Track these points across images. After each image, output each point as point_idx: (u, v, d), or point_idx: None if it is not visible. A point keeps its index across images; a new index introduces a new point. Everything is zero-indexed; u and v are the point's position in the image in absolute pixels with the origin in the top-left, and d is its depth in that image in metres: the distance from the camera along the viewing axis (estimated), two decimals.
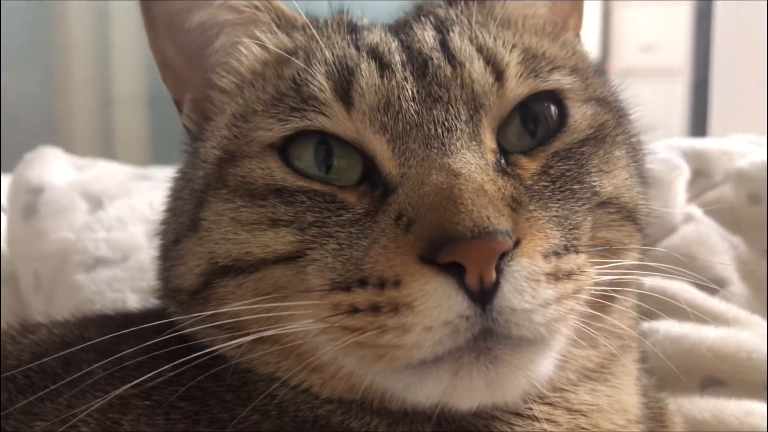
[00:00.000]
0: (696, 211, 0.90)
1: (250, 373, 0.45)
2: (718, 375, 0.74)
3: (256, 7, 0.52)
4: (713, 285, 0.83)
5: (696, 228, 0.87)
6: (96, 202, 0.92)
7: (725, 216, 0.89)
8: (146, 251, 0.87)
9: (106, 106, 2.26)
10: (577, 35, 0.59)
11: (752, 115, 4.34)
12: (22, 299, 0.91)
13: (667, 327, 0.77)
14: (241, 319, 0.44)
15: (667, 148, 0.95)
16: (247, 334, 0.43)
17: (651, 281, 0.83)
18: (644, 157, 0.54)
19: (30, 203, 0.93)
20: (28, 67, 2.08)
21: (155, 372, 0.42)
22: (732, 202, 0.90)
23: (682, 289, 0.82)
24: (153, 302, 0.80)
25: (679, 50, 5.57)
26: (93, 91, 2.23)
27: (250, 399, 0.44)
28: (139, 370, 0.44)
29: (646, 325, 0.79)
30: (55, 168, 0.98)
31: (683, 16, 5.40)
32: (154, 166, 1.08)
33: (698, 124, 5.43)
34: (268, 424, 0.43)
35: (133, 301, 0.82)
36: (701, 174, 0.93)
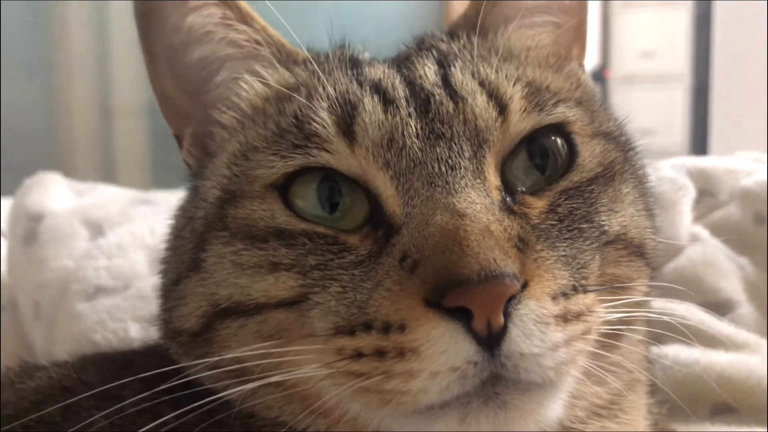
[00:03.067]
0: (702, 231, 0.89)
1: (253, 418, 0.44)
2: (729, 401, 0.73)
3: (257, 42, 0.51)
4: (721, 307, 0.82)
5: (702, 249, 0.87)
6: (96, 229, 0.91)
7: (732, 235, 0.88)
8: (147, 279, 0.86)
9: (106, 117, 2.26)
10: (581, 65, 0.58)
11: (752, 120, 4.34)
12: (23, 327, 0.90)
13: (676, 352, 0.76)
14: (244, 364, 0.43)
15: (671, 167, 0.94)
16: (250, 380, 0.42)
17: (658, 304, 0.82)
18: (650, 190, 0.54)
19: (30, 230, 0.92)
20: (27, 80, 2.08)
21: (159, 422, 0.41)
22: (738, 222, 0.89)
23: (689, 312, 0.81)
24: (154, 333, 0.79)
25: (679, 56, 5.57)
26: (93, 103, 2.23)
27: None
28: (141, 417, 0.43)
29: (655, 350, 0.78)
30: (54, 194, 0.97)
31: (682, 22, 5.41)
32: (155, 190, 1.07)
33: (698, 130, 5.42)
34: None
35: (135, 331, 0.81)
36: (706, 193, 0.93)
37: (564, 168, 0.46)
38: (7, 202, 1.19)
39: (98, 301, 0.85)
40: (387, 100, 0.45)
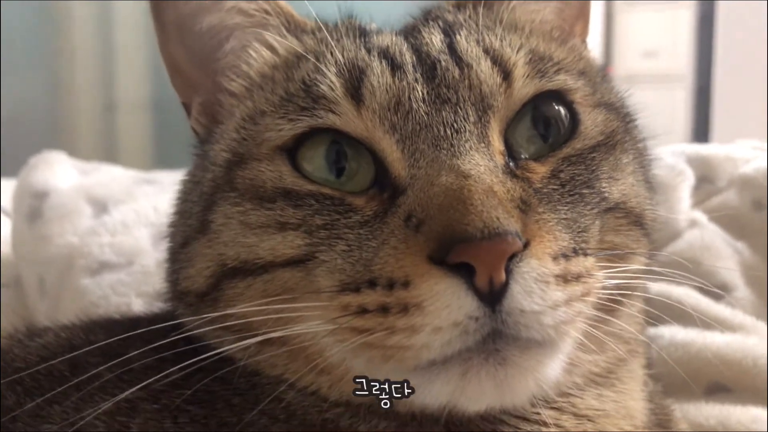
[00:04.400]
0: (701, 216, 0.90)
1: (257, 375, 0.45)
2: (724, 381, 0.74)
3: (266, 11, 0.52)
4: (718, 290, 0.83)
5: (701, 233, 0.88)
6: (101, 207, 0.92)
7: (729, 221, 0.89)
8: (151, 255, 0.87)
9: (108, 110, 2.27)
10: (584, 41, 0.59)
11: (754, 121, 4.34)
12: (27, 303, 0.91)
13: (673, 332, 0.77)
14: (249, 320, 0.43)
15: (671, 153, 0.95)
16: (256, 335, 0.43)
17: (656, 286, 0.83)
18: (651, 162, 0.54)
19: (35, 208, 0.93)
20: (31, 71, 2.09)
21: (163, 374, 0.42)
22: (736, 208, 0.90)
23: (687, 294, 0.82)
24: (158, 306, 0.80)
25: (681, 56, 5.58)
26: (96, 96, 2.24)
27: (257, 402, 0.44)
28: (146, 373, 0.44)
29: (652, 330, 0.79)
30: (59, 172, 0.98)
31: (685, 22, 5.41)
32: (158, 170, 1.08)
33: (700, 130, 5.43)
34: (276, 427, 0.43)
35: (138, 306, 0.82)
36: (706, 180, 0.94)
37: (567, 135, 0.47)
38: (8, 183, 1.20)
39: (102, 277, 0.86)
40: (395, 66, 0.46)
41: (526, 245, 0.39)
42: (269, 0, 0.53)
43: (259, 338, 0.43)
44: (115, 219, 0.90)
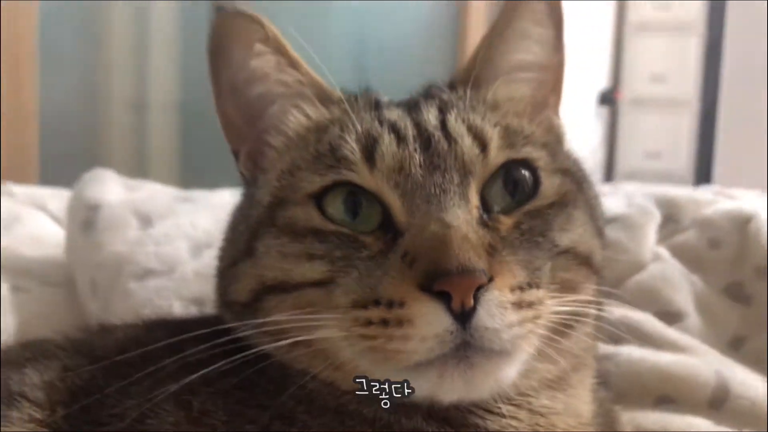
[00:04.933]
0: (664, 251, 1.03)
1: (287, 368, 0.58)
2: (669, 393, 0.86)
3: (302, 83, 0.66)
4: (672, 317, 0.97)
5: (662, 267, 1.01)
6: (146, 220, 1.06)
7: (688, 257, 1.02)
8: (189, 264, 1.01)
9: (139, 111, 2.39)
10: (555, 112, 0.72)
11: (757, 146, 4.45)
12: (80, 302, 1.05)
13: (629, 351, 0.90)
14: (282, 326, 0.57)
15: (642, 195, 1.08)
16: (287, 339, 0.56)
17: (620, 311, 0.96)
18: (602, 214, 0.68)
19: (88, 218, 1.08)
20: (69, 76, 2.20)
21: (217, 366, 0.55)
22: (695, 246, 1.02)
23: (646, 318, 0.96)
24: (194, 309, 0.94)
25: (688, 82, 5.67)
26: (129, 99, 2.36)
27: (286, 389, 0.57)
28: (201, 365, 0.57)
29: (613, 348, 0.93)
30: (109, 188, 1.12)
31: (693, 49, 5.50)
32: (195, 189, 1.22)
33: (704, 153, 5.51)
34: (301, 408, 0.56)
35: (178, 307, 0.95)
36: (671, 219, 1.06)
37: (529, 194, 0.59)
38: (48, 191, 1.35)
39: (147, 282, 0.99)
40: (400, 137, 0.59)
41: (490, 279, 0.52)
42: (303, 73, 0.67)
43: (290, 341, 0.56)
44: (158, 231, 1.04)
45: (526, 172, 0.60)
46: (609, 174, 6.04)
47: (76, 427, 0.56)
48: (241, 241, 0.62)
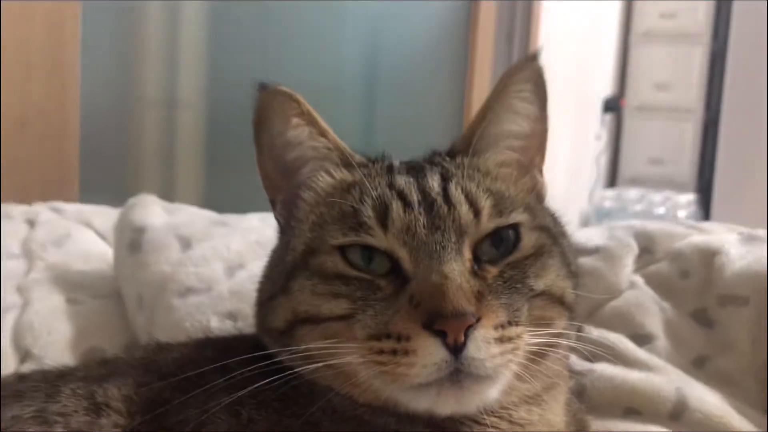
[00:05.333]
0: (639, 280, 1.15)
1: (315, 385, 0.72)
2: (636, 406, 0.98)
3: (329, 149, 0.79)
4: (643, 339, 1.10)
5: (636, 293, 1.13)
6: (186, 243, 1.18)
7: (660, 285, 1.14)
8: (224, 284, 1.13)
9: (169, 108, 2.51)
10: (540, 170, 0.86)
11: (757, 156, 4.56)
12: (128, 314, 1.19)
13: (603, 368, 1.03)
14: (311, 352, 0.71)
15: (622, 228, 1.22)
16: (315, 362, 0.70)
17: (598, 332, 1.11)
18: (575, 260, 0.81)
19: (134, 240, 1.20)
20: (106, 79, 2.28)
21: (260, 384, 0.70)
22: (667, 275, 1.15)
23: (619, 339, 1.08)
24: (229, 323, 1.08)
25: (692, 90, 5.77)
26: (161, 99, 2.48)
27: (314, 402, 0.70)
28: (246, 382, 0.71)
29: (589, 365, 1.06)
30: (152, 212, 1.26)
31: (698, 58, 5.59)
32: (229, 214, 1.35)
33: (707, 159, 5.61)
34: (326, 418, 0.70)
35: (214, 322, 1.06)
36: (647, 251, 1.18)
37: (511, 248, 0.73)
38: (93, 208, 1.50)
39: (188, 299, 1.11)
40: (407, 203, 0.72)
41: (478, 320, 0.66)
42: (331, 140, 0.81)
43: (318, 365, 0.70)
44: (197, 253, 1.17)
45: (510, 231, 0.74)
46: (613, 179, 6.14)
47: (151, 430, 0.70)
48: (279, 280, 0.76)
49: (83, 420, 0.70)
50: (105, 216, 1.45)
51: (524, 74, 0.80)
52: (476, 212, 0.72)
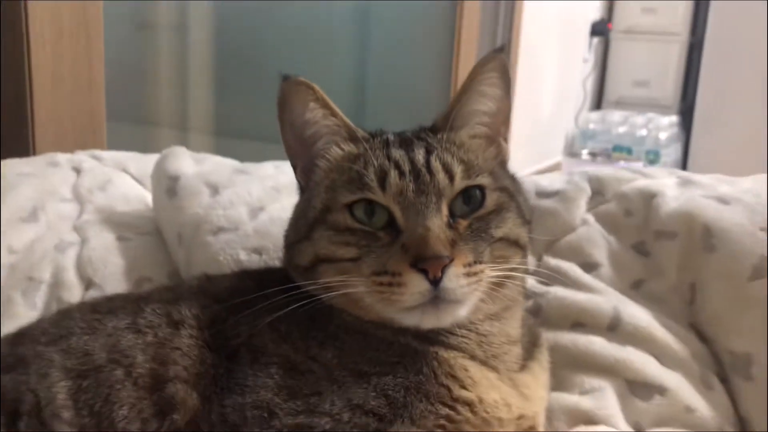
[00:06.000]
0: (590, 218, 1.31)
1: (333, 308, 0.93)
2: (581, 320, 1.18)
3: (338, 126, 0.99)
4: (591, 267, 1.33)
5: (587, 229, 1.31)
6: (214, 189, 1.35)
7: (608, 222, 1.31)
8: (249, 224, 1.28)
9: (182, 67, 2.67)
10: (505, 138, 1.08)
11: (738, 77, 4.74)
12: (169, 249, 1.39)
13: (556, 290, 1.25)
14: (330, 284, 0.92)
15: (578, 174, 1.44)
16: (335, 292, 0.91)
17: (555, 262, 1.35)
18: (528, 210, 1.04)
19: (170, 187, 1.40)
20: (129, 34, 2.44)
21: (292, 307, 0.92)
22: (614, 214, 1.31)
23: (571, 268, 1.30)
24: (255, 256, 1.31)
25: (677, 13, 5.87)
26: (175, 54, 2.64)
27: (332, 320, 0.92)
28: (283, 306, 0.93)
29: (545, 288, 1.31)
30: (183, 162, 1.46)
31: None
32: (248, 163, 1.52)
33: (690, 83, 5.76)
34: (341, 331, 0.92)
35: (243, 255, 1.24)
36: (598, 193, 1.35)
37: (478, 205, 0.93)
38: (127, 154, 1.71)
39: (219, 236, 1.27)
40: (401, 172, 0.92)
41: (451, 261, 0.87)
42: (340, 119, 1.02)
43: (335, 294, 0.93)
44: (224, 198, 1.35)
45: (477, 191, 0.97)
46: (599, 101, 6.31)
47: (215, 342, 0.93)
48: (303, 229, 0.99)
49: (167, 331, 0.93)
50: (138, 161, 1.66)
51: (491, 65, 1.01)
52: (451, 177, 0.94)
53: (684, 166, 5.27)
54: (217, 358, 0.90)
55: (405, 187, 0.92)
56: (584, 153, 4.80)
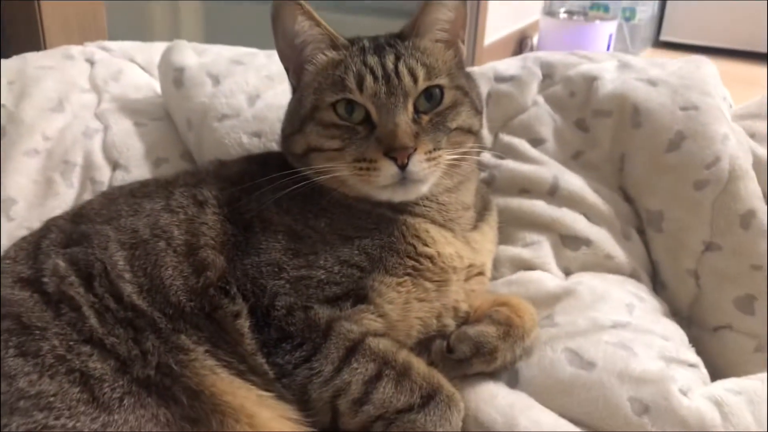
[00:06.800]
0: (540, 99, 1.52)
1: (323, 188, 1.16)
2: (526, 187, 1.42)
3: (323, 35, 1.18)
4: (538, 142, 1.58)
5: (537, 110, 1.52)
6: (216, 80, 1.53)
7: (555, 103, 1.51)
8: (248, 111, 1.47)
9: None
10: (462, 40, 1.29)
11: None
12: (180, 132, 1.61)
13: (507, 163, 1.50)
14: (320, 168, 1.17)
15: (531, 60, 1.64)
16: (325, 174, 1.15)
17: (507, 138, 1.60)
18: (481, 102, 1.27)
19: (177, 78, 1.60)
20: None
21: (294, 187, 1.16)
22: (561, 96, 1.51)
23: (520, 143, 1.54)
24: (255, 140, 1.54)
25: None
26: None
27: (324, 197, 1.16)
28: (284, 187, 1.17)
29: (498, 161, 1.56)
30: (186, 55, 1.65)
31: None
32: (242, 52, 1.71)
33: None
34: (331, 205, 1.15)
35: (245, 138, 1.44)
36: (548, 77, 1.54)
37: (438, 102, 1.15)
38: (134, 44, 1.87)
39: (224, 122, 1.46)
40: (375, 77, 1.12)
41: (415, 150, 1.11)
42: (323, 28, 1.22)
43: (325, 177, 1.17)
44: (225, 88, 1.53)
45: (437, 90, 1.19)
46: None
47: (233, 217, 1.17)
48: (296, 123, 1.22)
49: (194, 210, 1.17)
50: (143, 51, 1.84)
51: None
52: (415, 80, 1.15)
53: (660, 22, 5.37)
54: (236, 229, 1.11)
55: (378, 89, 1.14)
56: (561, 12, 4.88)
